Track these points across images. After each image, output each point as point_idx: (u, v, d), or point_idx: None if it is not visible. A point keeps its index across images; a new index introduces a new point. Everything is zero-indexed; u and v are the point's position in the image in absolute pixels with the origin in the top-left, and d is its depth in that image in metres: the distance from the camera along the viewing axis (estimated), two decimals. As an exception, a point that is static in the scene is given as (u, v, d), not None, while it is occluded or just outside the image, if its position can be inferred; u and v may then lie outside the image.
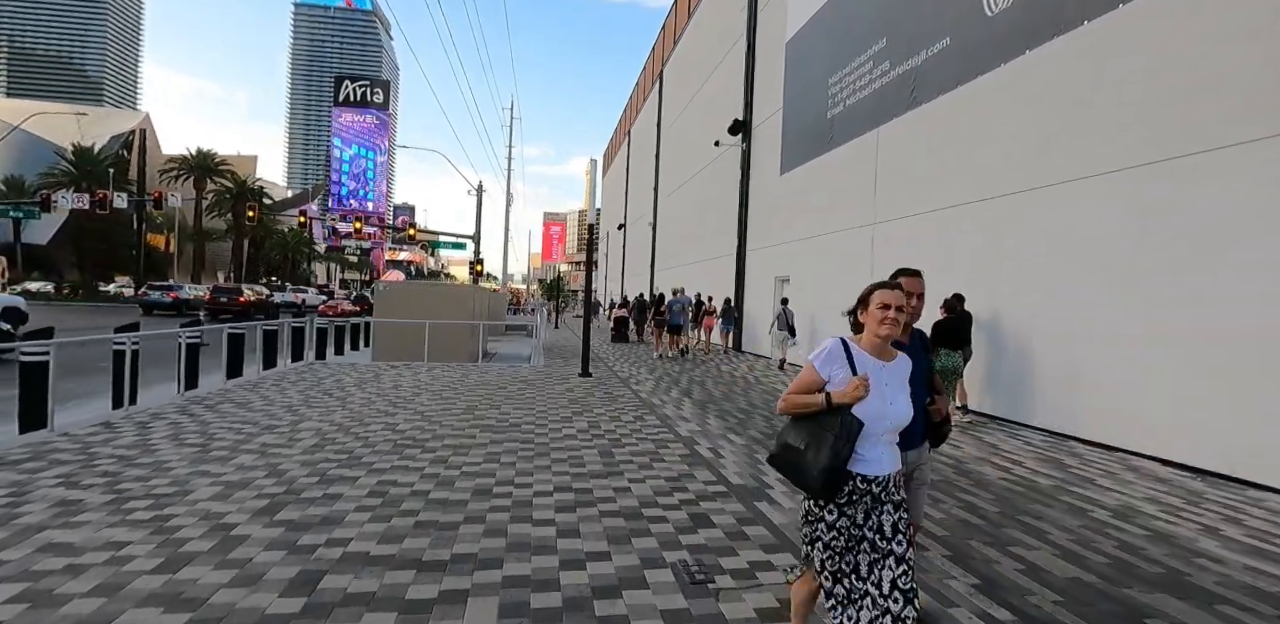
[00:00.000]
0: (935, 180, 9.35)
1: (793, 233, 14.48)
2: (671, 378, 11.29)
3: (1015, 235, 7.83)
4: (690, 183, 24.29)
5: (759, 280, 16.65)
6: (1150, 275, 6.09)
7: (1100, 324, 6.57)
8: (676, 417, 7.49)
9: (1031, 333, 7.53)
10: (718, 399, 8.99)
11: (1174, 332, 5.78)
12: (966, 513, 4.24)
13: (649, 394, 9.23)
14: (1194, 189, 5.69)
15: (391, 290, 13.54)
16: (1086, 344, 6.74)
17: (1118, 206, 6.45)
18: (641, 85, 38.59)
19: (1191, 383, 5.60)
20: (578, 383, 10.15)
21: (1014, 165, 7.87)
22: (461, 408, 7.55)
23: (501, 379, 10.30)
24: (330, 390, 8.56)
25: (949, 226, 9.02)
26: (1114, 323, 6.42)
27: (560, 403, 8.15)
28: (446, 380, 9.94)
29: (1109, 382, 6.44)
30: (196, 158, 53.82)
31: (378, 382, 9.54)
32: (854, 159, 11.80)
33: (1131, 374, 6.20)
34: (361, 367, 11.46)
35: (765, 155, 16.49)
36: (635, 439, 6.17)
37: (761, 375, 12.18)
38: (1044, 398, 7.28)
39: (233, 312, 26.84)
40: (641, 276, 34.51)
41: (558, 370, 11.81)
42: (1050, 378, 7.20)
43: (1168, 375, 5.84)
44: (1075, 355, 6.88)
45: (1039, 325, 7.42)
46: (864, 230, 11.30)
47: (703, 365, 13.71)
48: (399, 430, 6.22)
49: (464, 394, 8.61)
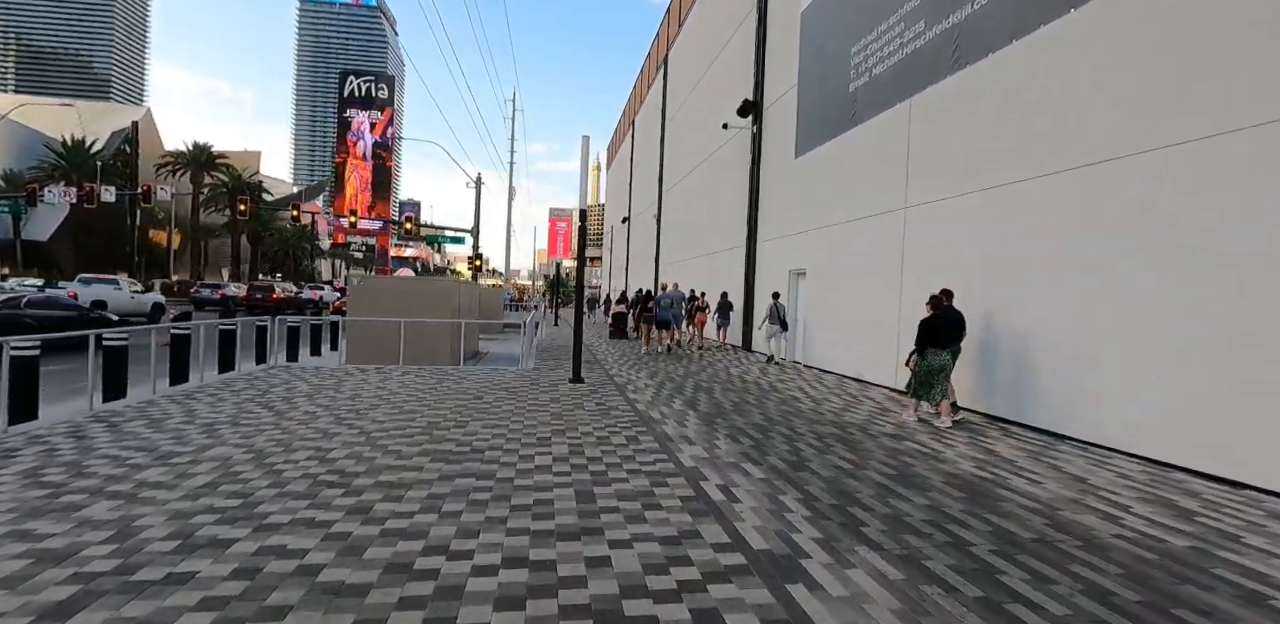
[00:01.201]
0: (984, 154, 7.97)
1: (809, 221, 13.12)
2: (674, 384, 9.98)
3: (1092, 214, 6.46)
4: (697, 172, 22.92)
5: (771, 274, 15.30)
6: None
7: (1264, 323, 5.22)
8: (678, 437, 6.18)
9: (1162, 335, 6.17)
10: (727, 411, 7.68)
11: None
12: (1099, 606, 2.92)
13: (647, 405, 7.93)
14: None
15: (365, 285, 12.29)
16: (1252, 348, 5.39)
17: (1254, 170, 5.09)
18: (645, 73, 37.16)
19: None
20: (567, 391, 8.86)
21: (1093, 131, 6.50)
22: (420, 426, 6.27)
23: (481, 386, 9.02)
24: (273, 402, 7.30)
25: (1000, 207, 7.65)
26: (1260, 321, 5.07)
27: (542, 418, 6.86)
28: (417, 388, 8.67)
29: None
30: (193, 152, 52.88)
31: (336, 390, 8.28)
32: (881, 135, 10.43)
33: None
34: (327, 371, 10.21)
35: (778, 138, 15.11)
36: (626, 472, 4.87)
37: (776, 380, 10.86)
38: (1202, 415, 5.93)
39: (266, 307, 28.24)
40: (646, 271, 33.18)
41: (548, 375, 10.52)
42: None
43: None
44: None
45: (1172, 327, 6.06)
46: (893, 216, 9.94)
47: (709, 369, 12.39)
48: (328, 460, 4.94)
49: (431, 406, 7.33)
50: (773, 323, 13.02)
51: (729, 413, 7.58)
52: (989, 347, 7.73)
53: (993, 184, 7.78)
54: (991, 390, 7.73)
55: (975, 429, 7.01)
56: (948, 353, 7.08)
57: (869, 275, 10.58)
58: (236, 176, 51.40)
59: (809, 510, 4.09)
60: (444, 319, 11.81)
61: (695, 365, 12.75)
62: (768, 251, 15.67)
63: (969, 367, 7.99)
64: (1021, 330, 7.26)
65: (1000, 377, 7.58)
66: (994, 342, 7.67)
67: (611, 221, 49.03)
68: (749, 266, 16.60)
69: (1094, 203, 6.39)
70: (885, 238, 10.14)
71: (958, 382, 7.64)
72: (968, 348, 7.92)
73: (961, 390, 7.98)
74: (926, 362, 7.05)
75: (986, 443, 6.31)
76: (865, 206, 10.82)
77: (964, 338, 7.31)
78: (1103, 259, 6.26)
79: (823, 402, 8.66)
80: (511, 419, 6.75)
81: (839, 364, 11.65)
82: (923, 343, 7.08)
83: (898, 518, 3.99)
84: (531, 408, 7.43)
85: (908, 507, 4.21)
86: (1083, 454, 5.93)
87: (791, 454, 5.61)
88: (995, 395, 7.67)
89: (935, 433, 6.74)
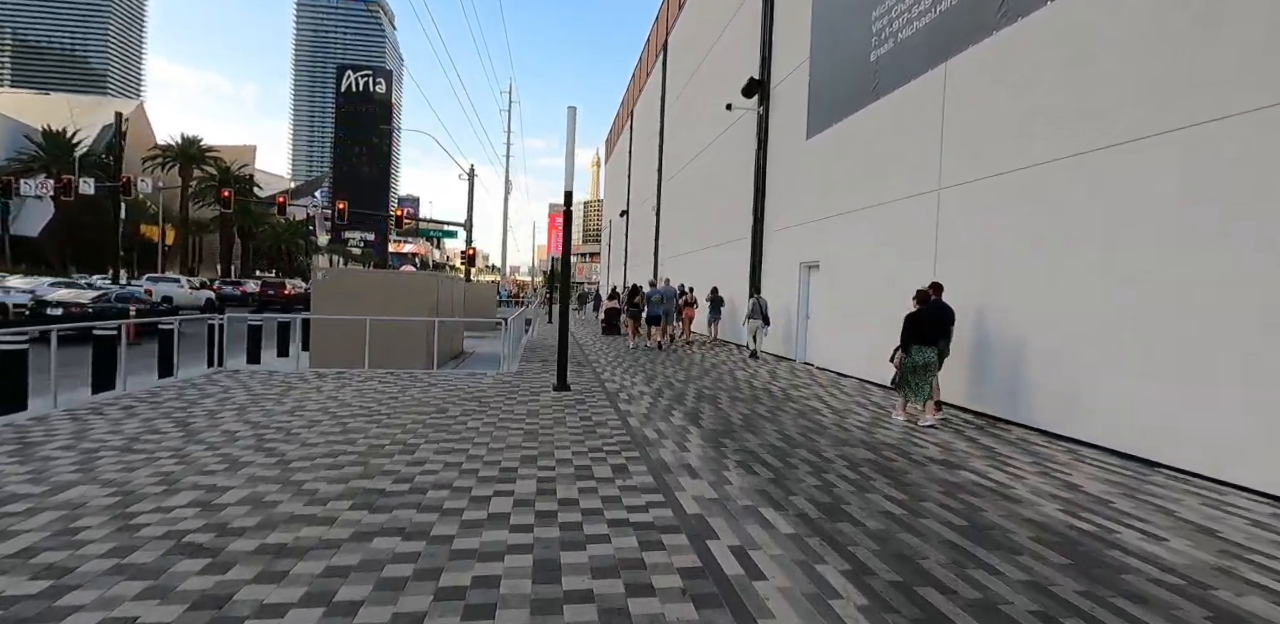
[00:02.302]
0: (1045, 122, 6.73)
1: (822, 209, 11.89)
2: (674, 391, 8.76)
3: (1210, 181, 5.23)
4: (698, 160, 21.66)
5: (780, 267, 14.07)
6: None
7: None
8: (678, 466, 4.96)
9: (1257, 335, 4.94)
10: (736, 428, 6.46)
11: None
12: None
13: (642, 419, 6.71)
14: None
15: (332, 280, 11.05)
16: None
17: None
18: (644, 61, 35.81)
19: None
20: (549, 401, 7.64)
21: (1188, 91, 5.26)
22: (358, 452, 5.05)
23: (451, 394, 7.81)
24: (193, 419, 6.09)
25: (1064, 183, 6.41)
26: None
27: (512, 438, 5.65)
28: (375, 397, 7.45)
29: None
30: (182, 145, 51.57)
31: (278, 401, 7.07)
32: (909, 108, 9.18)
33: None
34: (281, 376, 9.00)
35: (787, 119, 13.85)
36: (608, 523, 3.66)
37: (789, 385, 9.64)
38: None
39: (279, 302, 29.48)
40: (646, 266, 31.93)
41: (530, 380, 9.31)
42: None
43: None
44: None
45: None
46: (924, 199, 8.70)
47: (711, 373, 11.17)
48: (213, 507, 3.73)
49: (382, 422, 6.12)
50: (754, 318, 13.42)
51: (738, 430, 6.36)
52: (1036, 351, 6.52)
53: (1053, 156, 6.54)
54: (1066, 405, 6.51)
55: (1031, 447, 5.79)
56: (934, 350, 6.76)
57: (893, 266, 9.35)
58: (224, 169, 50.02)
59: (866, 595, 2.87)
60: (420, 317, 10.59)
61: (696, 368, 11.53)
62: (775, 243, 14.43)
63: (1018, 374, 6.78)
64: (1091, 332, 6.04)
65: (1055, 386, 6.35)
66: (1044, 346, 6.45)
67: (610, 216, 47.77)
68: (754, 259, 15.36)
69: (1212, 167, 5.16)
70: (913, 224, 8.91)
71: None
72: (1003, 352, 6.72)
73: (1029, 402, 6.78)
74: (911, 359, 6.78)
75: (1059, 472, 5.09)
76: (889, 190, 9.58)
77: (952, 334, 6.98)
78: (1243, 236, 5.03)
79: (846, 414, 7.44)
80: (475, 440, 5.53)
81: (858, 367, 10.43)
82: (907, 339, 6.81)
83: (991, 608, 2.78)
84: (502, 425, 6.21)
85: (1001, 587, 2.99)
86: (1188, 489, 4.70)
87: (823, 491, 4.39)
88: (1065, 409, 6.45)
89: (992, 457, 5.52)
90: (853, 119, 10.84)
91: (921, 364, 6.75)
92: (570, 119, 8.47)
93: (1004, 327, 7.14)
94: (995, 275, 7.32)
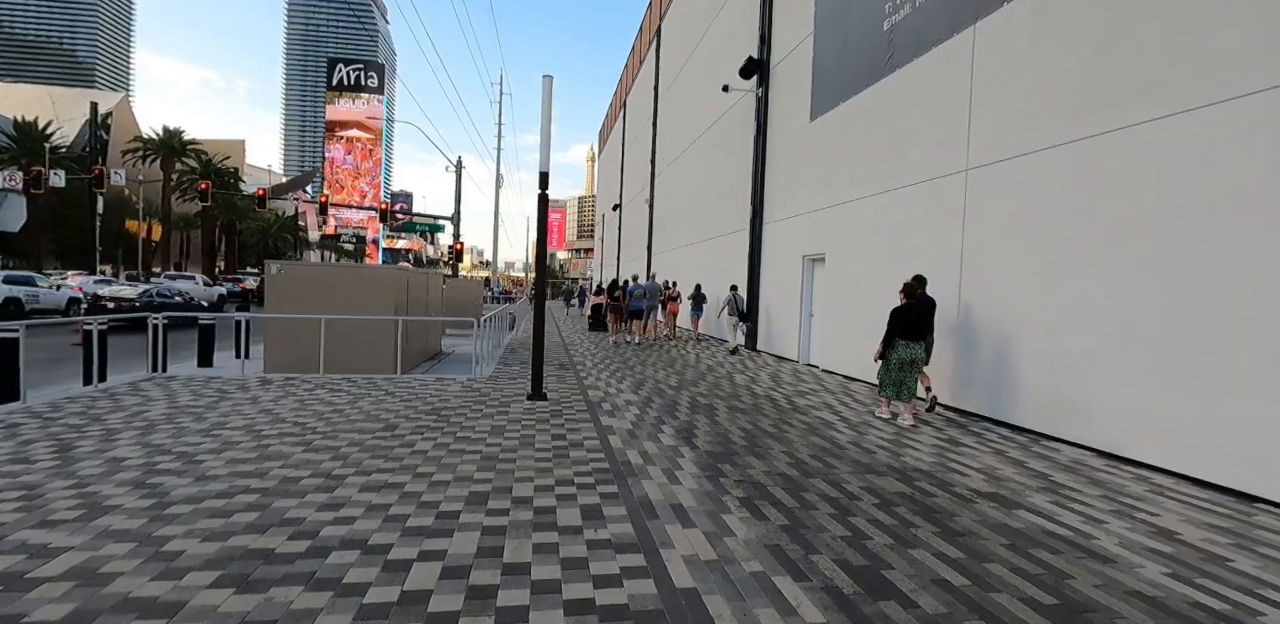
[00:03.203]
0: (1101, 87, 5.71)
1: (829, 196, 10.86)
2: (665, 399, 7.75)
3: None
4: (693, 148, 20.59)
5: (781, 261, 13.04)
6: None
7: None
8: (666, 507, 3.94)
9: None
10: (737, 449, 5.44)
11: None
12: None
13: (626, 438, 5.69)
14: None
15: (287, 274, 9.96)
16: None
17: None
18: (638, 48, 34.67)
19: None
20: (520, 413, 6.61)
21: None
22: (261, 491, 4.01)
23: (408, 406, 6.77)
24: (82, 440, 5.03)
25: (1123, 156, 5.40)
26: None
27: (465, 468, 4.61)
28: (317, 410, 6.41)
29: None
30: (163, 138, 50.18)
31: (200, 417, 6.02)
32: (930, 80, 8.15)
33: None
34: (221, 383, 7.94)
35: (788, 100, 12.81)
36: (564, 611, 2.63)
37: (794, 392, 8.63)
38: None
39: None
40: (639, 261, 30.88)
41: (504, 387, 8.28)
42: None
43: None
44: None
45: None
46: (948, 182, 7.68)
47: (708, 377, 10.16)
48: (17, 585, 2.69)
49: (311, 445, 5.08)
50: (731, 314, 13.46)
51: (740, 452, 5.34)
52: (1070, 363, 5.52)
53: (1112, 127, 5.52)
54: (1138, 422, 5.51)
55: (1093, 474, 4.80)
56: (920, 345, 6.52)
57: (911, 258, 8.34)
58: (206, 162, 48.65)
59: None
60: (383, 316, 9.53)
61: (690, 371, 10.51)
62: (776, 234, 13.40)
63: (1075, 388, 5.78)
64: (1175, 332, 5.03)
65: (1126, 401, 5.36)
66: (1097, 353, 5.45)
67: (604, 210, 46.67)
68: (753, 252, 14.33)
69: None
70: (936, 210, 7.89)
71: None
72: (1058, 368, 5.74)
73: (1092, 418, 5.80)
74: (897, 354, 6.54)
75: (1142, 511, 4.09)
76: (906, 173, 8.56)
77: (934, 328, 6.81)
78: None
79: (864, 428, 6.42)
80: (418, 470, 4.50)
81: (869, 370, 9.41)
82: (892, 333, 6.55)
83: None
84: (457, 447, 5.18)
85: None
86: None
87: (853, 547, 3.37)
88: (1131, 425, 5.45)
89: (1053, 489, 4.52)
90: (863, 96, 9.80)
91: (908, 360, 6.50)
92: (546, 90, 7.42)
93: (1065, 334, 6.13)
94: (1042, 260, 6.31)
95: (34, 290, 18.46)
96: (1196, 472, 4.73)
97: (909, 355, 6.48)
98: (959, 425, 6.66)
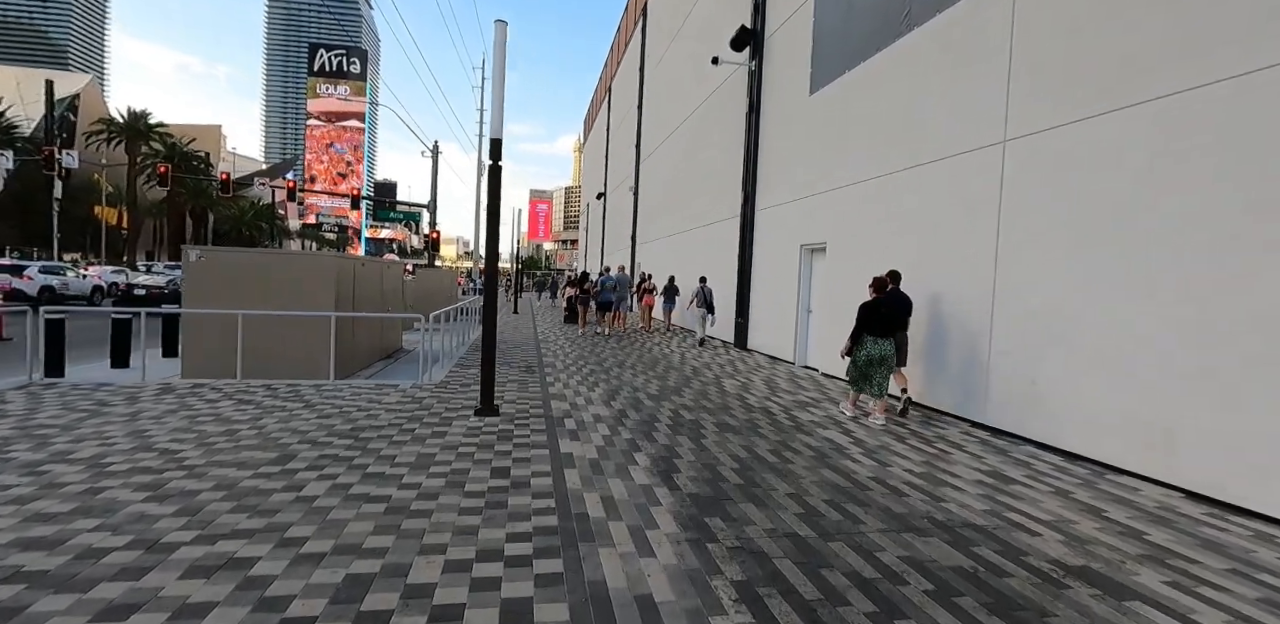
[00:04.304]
0: (1216, 23, 4.50)
1: (831, 178, 9.63)
2: (642, 414, 6.50)
3: None
4: (680, 131, 19.27)
5: (776, 251, 11.81)
6: None
7: None
8: (631, 603, 2.69)
9: None
10: (731, 493, 4.21)
11: None
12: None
13: (589, 473, 4.43)
14: None
15: (209, 262, 8.57)
16: None
17: None
18: (623, 29, 33.18)
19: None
20: (460, 435, 5.33)
21: None
22: (28, 581, 2.73)
23: (322, 426, 5.48)
24: None
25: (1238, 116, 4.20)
26: None
27: (354, 531, 3.33)
28: (204, 432, 5.10)
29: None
30: (127, 120, 48.03)
31: (41, 443, 4.69)
32: (957, 38, 6.92)
33: None
34: (109, 392, 6.60)
35: (784, 73, 11.54)
36: None
37: (794, 402, 7.42)
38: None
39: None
40: (624, 252, 29.58)
41: (454, 394, 7.00)
42: None
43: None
44: None
45: None
46: (982, 156, 6.47)
47: (695, 381, 8.93)
48: None
49: (158, 490, 3.78)
50: (699, 306, 13.39)
51: (734, 497, 4.10)
52: (1160, 381, 4.34)
53: (1232, 72, 4.32)
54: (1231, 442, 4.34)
55: (1198, 529, 3.62)
56: (890, 342, 6.31)
57: (928, 246, 7.15)
58: (171, 145, 46.57)
59: None
60: (317, 311, 8.19)
61: (674, 374, 9.27)
62: (769, 222, 12.16)
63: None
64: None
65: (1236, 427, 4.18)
66: (1207, 368, 4.28)
67: (587, 198, 45.22)
68: (744, 242, 13.09)
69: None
70: (966, 189, 6.68)
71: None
72: (1114, 384, 4.57)
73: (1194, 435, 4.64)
74: (865, 351, 6.34)
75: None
76: (925, 148, 7.33)
77: (908, 326, 6.72)
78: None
79: (885, 456, 5.21)
80: (288, 534, 3.22)
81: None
82: (860, 329, 6.37)
83: None
84: (360, 491, 3.90)
85: None
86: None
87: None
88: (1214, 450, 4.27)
89: (1160, 561, 3.33)
90: (873, 63, 8.56)
91: (878, 357, 6.29)
92: (499, 38, 6.09)
93: (1138, 344, 4.94)
94: (1106, 249, 5.12)
95: (65, 279, 21.04)
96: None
97: (878, 352, 6.27)
98: (1000, 451, 5.48)
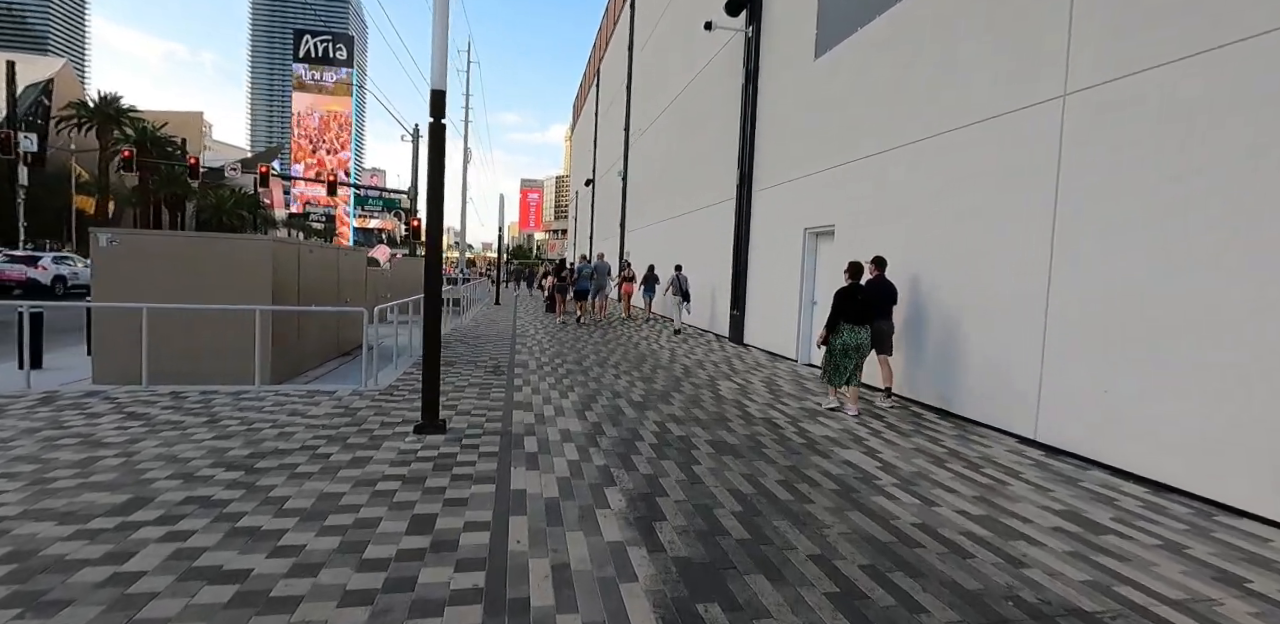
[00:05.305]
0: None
1: (840, 152, 8.49)
2: (622, 429, 5.38)
3: None
4: (671, 110, 18.06)
5: (776, 235, 10.67)
6: None
7: None
8: None
9: None
10: (734, 554, 3.10)
11: None
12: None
13: (539, 527, 3.31)
14: None
15: (123, 248, 7.33)
16: None
17: None
18: (611, 8, 31.79)
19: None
20: (388, 462, 4.19)
21: None
22: None
23: (215, 450, 4.33)
24: None
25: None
26: None
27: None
28: (47, 463, 3.95)
29: None
30: (99, 104, 46.24)
31: None
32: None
33: None
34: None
35: (785, 37, 10.36)
36: None
37: (801, 410, 6.32)
38: None
39: None
40: (612, 240, 28.39)
41: (397, 403, 5.86)
42: None
43: None
44: None
45: None
46: (1033, 114, 5.34)
47: (685, 383, 7.82)
48: None
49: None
50: (675, 294, 13.55)
51: (738, 562, 2.99)
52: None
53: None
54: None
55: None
56: (867, 330, 6.04)
57: (962, 227, 6.04)
58: (142, 130, 44.83)
59: None
60: (241, 305, 7.00)
61: (662, 375, 8.15)
62: (769, 203, 11.02)
63: None
64: None
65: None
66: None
67: (576, 185, 43.93)
68: (740, 226, 11.95)
69: None
70: (1012, 155, 5.55)
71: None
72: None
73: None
74: (840, 339, 6.05)
75: None
76: (956, 110, 6.20)
77: (891, 314, 6.46)
78: None
79: (930, 490, 4.12)
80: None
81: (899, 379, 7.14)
82: (835, 317, 6.06)
83: None
84: (212, 562, 2.76)
85: None
86: None
87: None
88: None
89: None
90: (892, 15, 7.40)
91: (853, 346, 6.03)
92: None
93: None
94: (1212, 232, 4.02)
95: (75, 269, 21.20)
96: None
97: (854, 341, 6.01)
98: (1068, 481, 4.41)
